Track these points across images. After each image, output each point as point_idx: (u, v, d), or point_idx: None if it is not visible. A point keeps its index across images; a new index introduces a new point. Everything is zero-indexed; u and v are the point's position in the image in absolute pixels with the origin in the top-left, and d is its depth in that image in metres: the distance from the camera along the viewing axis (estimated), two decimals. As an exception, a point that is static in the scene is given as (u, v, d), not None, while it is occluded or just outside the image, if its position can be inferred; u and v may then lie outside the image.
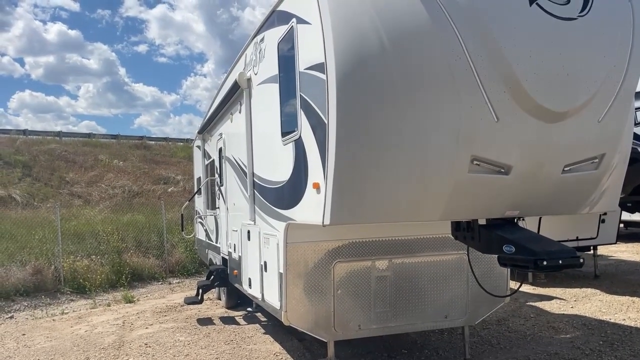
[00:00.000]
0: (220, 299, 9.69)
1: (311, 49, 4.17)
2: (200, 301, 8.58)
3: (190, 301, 8.62)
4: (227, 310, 9.10)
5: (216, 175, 9.24)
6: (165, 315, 9.02)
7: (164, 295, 11.40)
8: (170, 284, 12.97)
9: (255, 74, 6.12)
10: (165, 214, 15.43)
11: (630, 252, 13.99)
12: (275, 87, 5.29)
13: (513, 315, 7.92)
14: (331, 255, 5.21)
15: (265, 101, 5.80)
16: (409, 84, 3.50)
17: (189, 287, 12.35)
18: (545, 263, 3.52)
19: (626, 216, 14.70)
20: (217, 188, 9.17)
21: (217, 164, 9.18)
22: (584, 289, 9.51)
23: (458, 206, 3.76)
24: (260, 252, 6.07)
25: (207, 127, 10.16)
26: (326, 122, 3.79)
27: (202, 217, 11.06)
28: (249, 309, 8.57)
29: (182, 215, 11.24)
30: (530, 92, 3.47)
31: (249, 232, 6.59)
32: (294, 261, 5.08)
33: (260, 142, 6.14)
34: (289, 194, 4.96)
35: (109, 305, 10.48)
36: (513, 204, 3.88)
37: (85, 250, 13.17)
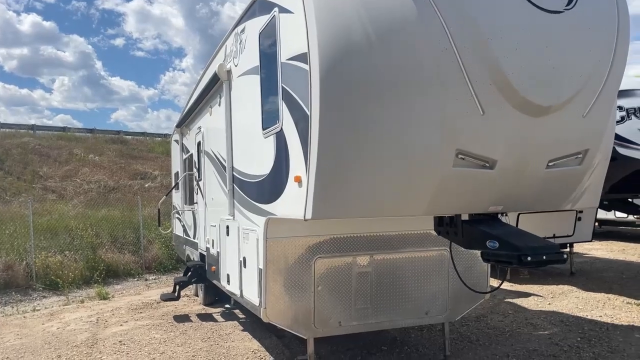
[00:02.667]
0: (197, 296, 9.53)
1: (294, 39, 4.07)
2: (177, 298, 8.41)
3: (166, 298, 8.45)
4: (204, 307, 8.95)
5: (194, 170, 9.07)
6: (140, 312, 8.82)
7: (139, 291, 11.18)
8: (146, 280, 12.75)
9: (236, 66, 5.99)
10: (142, 209, 15.18)
11: (604, 250, 14.21)
12: (256, 79, 5.17)
13: (492, 311, 7.93)
14: (312, 251, 5.12)
15: (246, 93, 5.67)
16: (394, 75, 3.42)
17: (166, 283, 12.14)
18: (529, 259, 3.48)
19: (601, 214, 14.92)
20: (195, 183, 9.00)
21: (195, 158, 9.01)
22: (560, 286, 9.59)
23: (442, 201, 3.70)
24: (240, 248, 5.95)
25: (186, 121, 9.97)
26: (309, 114, 3.70)
27: (180, 212, 10.87)
28: (227, 305, 8.44)
29: (159, 210, 11.04)
30: (516, 85, 3.42)
31: (227, 227, 6.46)
32: (274, 257, 4.98)
33: (240, 135, 6.02)
34: (269, 188, 4.85)
35: (82, 302, 10.24)
36: (497, 199, 3.83)
37: (58, 245, 12.85)
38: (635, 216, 15.03)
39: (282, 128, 4.38)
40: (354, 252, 5.29)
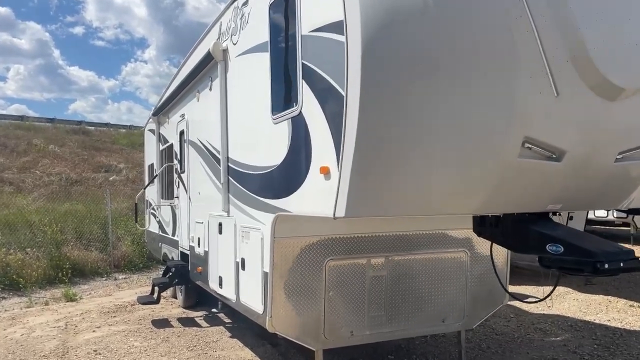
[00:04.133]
0: (176, 298, 8.82)
1: (322, 6, 3.48)
2: (157, 301, 7.70)
3: (144, 301, 7.72)
4: (184, 310, 8.27)
5: (175, 162, 8.36)
6: (114, 316, 8.07)
7: (110, 292, 10.37)
8: (116, 279, 11.91)
9: (234, 44, 5.35)
10: (110, 203, 14.28)
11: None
12: (263, 57, 4.55)
13: (493, 315, 7.50)
14: (323, 252, 4.56)
15: (248, 74, 5.06)
16: (454, 47, 2.87)
17: (138, 283, 11.36)
18: (606, 266, 3.01)
19: (590, 214, 14.81)
20: (176, 175, 8.29)
21: (176, 148, 8.30)
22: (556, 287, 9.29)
23: (499, 198, 3.20)
24: (236, 248, 5.33)
25: (164, 109, 9.23)
26: (343, 94, 3.12)
27: (155, 207, 10.10)
28: (214, 309, 7.77)
29: (136, 205, 10.26)
30: (597, 62, 2.93)
31: (220, 224, 5.83)
32: (281, 259, 4.40)
33: (238, 122, 5.39)
34: (280, 180, 4.26)
35: (47, 304, 9.38)
36: (558, 196, 3.36)
37: (18, 242, 11.88)
38: (615, 215, 15.01)
39: (300, 112, 3.80)
40: (368, 253, 4.76)
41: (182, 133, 7.87)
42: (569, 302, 8.26)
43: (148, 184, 9.54)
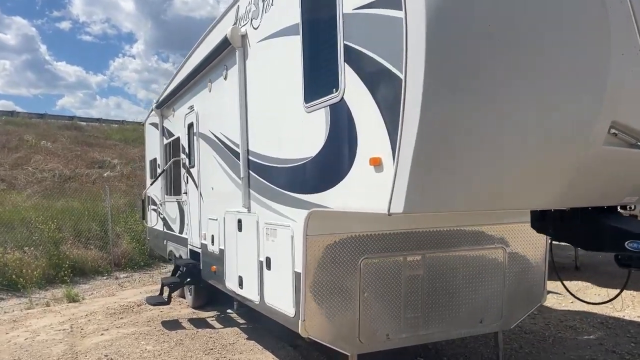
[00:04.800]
0: (184, 298, 8.47)
1: (370, -20, 3.16)
2: (168, 302, 7.36)
3: (155, 301, 7.37)
4: (194, 310, 7.93)
5: (183, 156, 8.01)
6: (121, 318, 7.72)
7: (113, 292, 10.00)
8: (117, 278, 11.53)
9: (255, 29, 5.01)
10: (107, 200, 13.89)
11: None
12: (292, 41, 4.22)
13: (516, 312, 7.27)
14: (358, 250, 4.26)
15: (272, 61, 4.72)
16: (540, 18, 2.55)
17: (140, 282, 11.01)
18: (702, 266, 2.74)
19: None
20: (184, 170, 7.94)
21: (184, 142, 7.94)
22: (573, 282, 9.03)
23: (576, 190, 2.90)
24: (259, 246, 5.01)
25: (169, 101, 8.86)
26: (401, 76, 2.81)
27: (159, 204, 9.74)
28: (229, 310, 7.43)
29: (143, 201, 9.86)
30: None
31: (239, 221, 5.50)
32: (315, 258, 4.09)
33: (260, 112, 5.05)
34: (315, 174, 3.94)
35: (48, 305, 9.01)
36: (636, 187, 3.07)
37: (15, 240, 11.46)
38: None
39: (342, 98, 3.47)
40: (404, 251, 4.46)
41: (190, 126, 7.52)
42: (591, 298, 7.98)
43: (155, 179, 9.15)
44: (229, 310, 7.44)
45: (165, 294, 7.42)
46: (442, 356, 5.61)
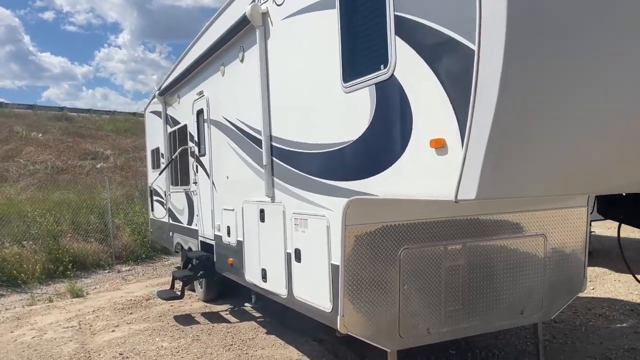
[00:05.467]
0: (193, 291, 8.17)
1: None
2: (181, 296, 7.07)
3: (167, 296, 7.07)
4: (206, 304, 7.64)
5: (191, 144, 7.68)
6: (130, 313, 7.42)
7: (117, 286, 9.69)
8: (119, 272, 11.21)
9: (279, 5, 4.68)
10: (103, 192, 13.53)
11: (600, 228, 13.77)
12: (325, 16, 3.91)
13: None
14: (398, 240, 3.99)
15: (300, 39, 4.40)
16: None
17: (145, 275, 10.70)
18: None
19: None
20: (192, 159, 7.62)
21: (192, 129, 7.62)
22: (590, 269, 8.88)
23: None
24: (287, 237, 4.74)
25: (173, 88, 8.51)
26: (474, 46, 2.52)
27: (163, 194, 9.41)
28: (247, 304, 7.14)
29: (151, 192, 9.49)
30: None
31: (262, 211, 5.21)
32: (354, 249, 3.83)
33: (285, 95, 4.75)
34: (357, 159, 3.65)
35: (51, 300, 8.68)
36: None
37: (13, 234, 11.08)
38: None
39: (393, 74, 3.18)
40: (444, 240, 4.21)
41: (200, 112, 7.20)
42: (612, 284, 7.85)
43: (164, 169, 8.80)
44: (246, 304, 7.16)
45: (177, 288, 7.12)
46: (474, 348, 5.38)
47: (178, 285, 7.37)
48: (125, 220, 13.03)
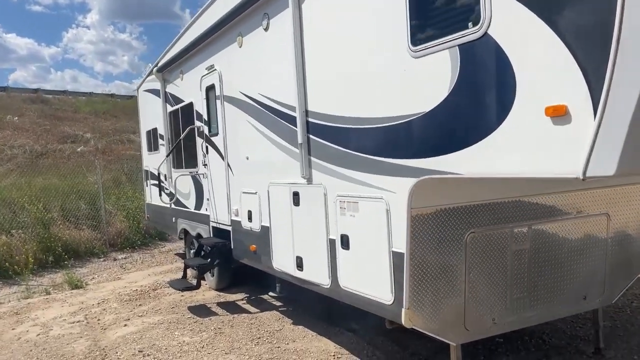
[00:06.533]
0: (204, 279, 7.70)
1: None
2: (197, 286, 6.61)
3: (182, 287, 6.59)
4: (219, 293, 7.19)
5: (199, 124, 7.15)
6: (139, 305, 6.94)
7: (118, 275, 9.15)
8: (115, 260, 10.66)
9: (319, -36, 4.19)
10: (89, 176, 12.91)
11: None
12: (385, -28, 3.44)
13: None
14: (464, 224, 3.60)
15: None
16: None
17: (143, 262, 10.17)
18: None
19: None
20: (201, 140, 7.09)
21: (199, 108, 7.08)
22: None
23: None
24: (329, 222, 4.32)
25: (175, 63, 7.93)
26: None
27: (164, 178, 8.85)
28: (272, 293, 6.70)
29: (148, 175, 8.93)
30: None
31: (295, 194, 4.77)
32: (421, 235, 3.42)
33: (326, 65, 4.28)
34: (433, 132, 3.22)
35: (48, 293, 8.13)
36: None
37: (-1, 223, 10.43)
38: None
39: (487, 32, 2.75)
40: (511, 222, 3.83)
41: (210, 88, 6.66)
42: None
43: (171, 151, 8.23)
44: (271, 293, 6.72)
45: (190, 277, 6.65)
46: (522, 335, 5.07)
47: (190, 273, 6.91)
48: (118, 206, 12.43)
